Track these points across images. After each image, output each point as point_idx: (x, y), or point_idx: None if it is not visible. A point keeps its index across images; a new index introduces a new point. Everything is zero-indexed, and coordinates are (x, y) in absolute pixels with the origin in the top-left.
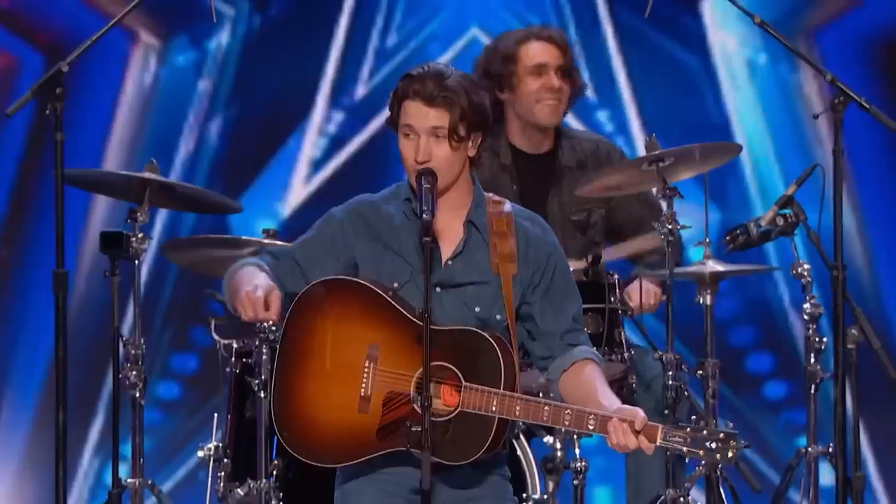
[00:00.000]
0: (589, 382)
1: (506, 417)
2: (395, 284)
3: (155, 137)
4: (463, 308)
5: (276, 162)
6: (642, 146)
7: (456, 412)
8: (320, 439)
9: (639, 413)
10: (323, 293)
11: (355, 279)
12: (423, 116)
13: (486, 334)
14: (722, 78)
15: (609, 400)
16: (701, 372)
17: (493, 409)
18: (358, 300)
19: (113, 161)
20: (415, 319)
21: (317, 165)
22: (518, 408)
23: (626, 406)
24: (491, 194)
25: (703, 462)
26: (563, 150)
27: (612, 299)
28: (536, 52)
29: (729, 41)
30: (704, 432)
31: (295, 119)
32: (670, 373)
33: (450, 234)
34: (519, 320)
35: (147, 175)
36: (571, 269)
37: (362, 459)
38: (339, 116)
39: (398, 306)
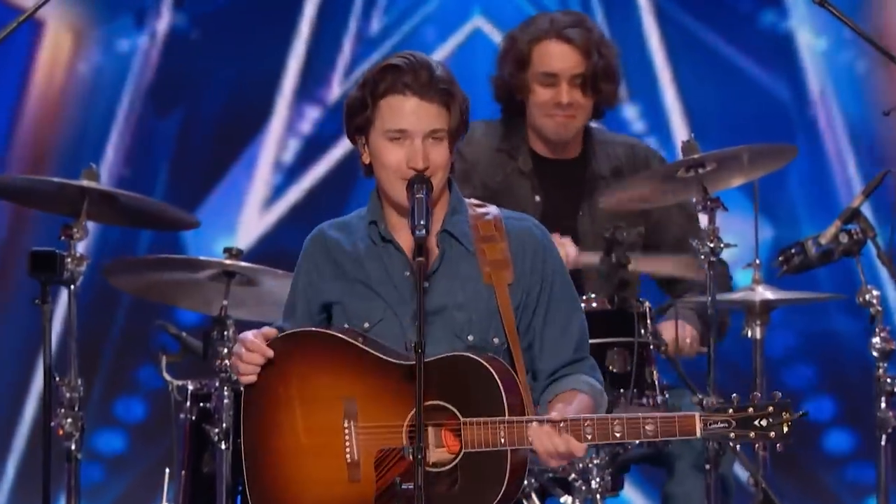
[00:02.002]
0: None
1: (519, 448)
2: (366, 325)
3: (75, 141)
4: (453, 339)
5: (238, 167)
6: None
7: (460, 456)
8: None
9: (557, 408)
10: (279, 353)
11: (312, 329)
12: (419, 115)
13: (477, 357)
14: (776, 67)
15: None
16: None
17: (502, 440)
18: (320, 353)
19: (17, 168)
20: (394, 360)
21: (291, 172)
22: (531, 434)
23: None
24: (471, 199)
25: (757, 446)
26: (595, 156)
27: (643, 332)
28: (549, 56)
29: (784, 24)
30: (750, 409)
31: (259, 117)
32: None
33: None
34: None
35: (85, 183)
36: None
37: None
38: (314, 114)
39: (371, 350)
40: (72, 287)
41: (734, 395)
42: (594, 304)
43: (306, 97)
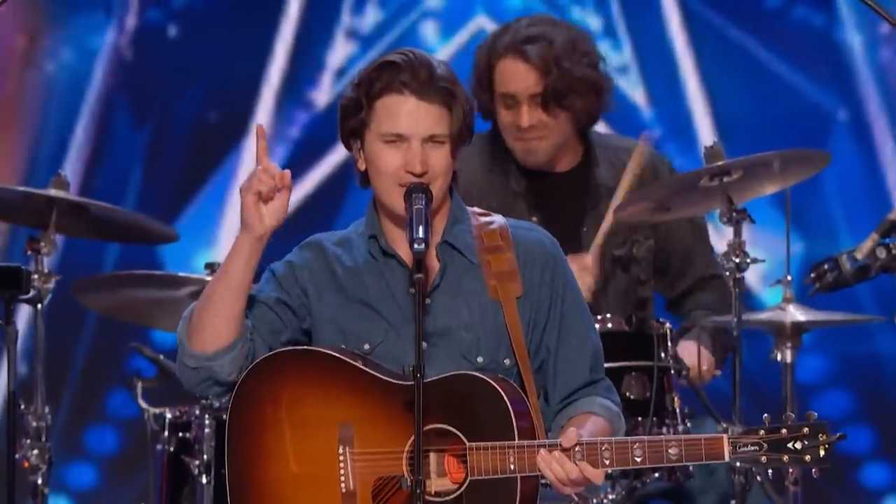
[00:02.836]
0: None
1: (530, 475)
2: (366, 347)
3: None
4: (460, 362)
5: (219, 175)
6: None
7: (465, 485)
8: None
9: (568, 432)
10: (269, 372)
11: (305, 347)
12: (418, 117)
13: (484, 377)
14: (810, 66)
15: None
16: None
17: (512, 467)
18: (313, 373)
19: None
20: (394, 381)
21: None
22: (540, 460)
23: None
24: (475, 207)
25: (787, 479)
26: (597, 164)
27: (663, 355)
28: (506, 75)
29: (819, 20)
30: (783, 431)
31: (241, 120)
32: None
33: (425, 265)
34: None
35: (53, 193)
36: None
37: None
38: (303, 117)
39: (372, 371)
40: (39, 306)
41: (765, 415)
42: (610, 325)
43: (294, 99)
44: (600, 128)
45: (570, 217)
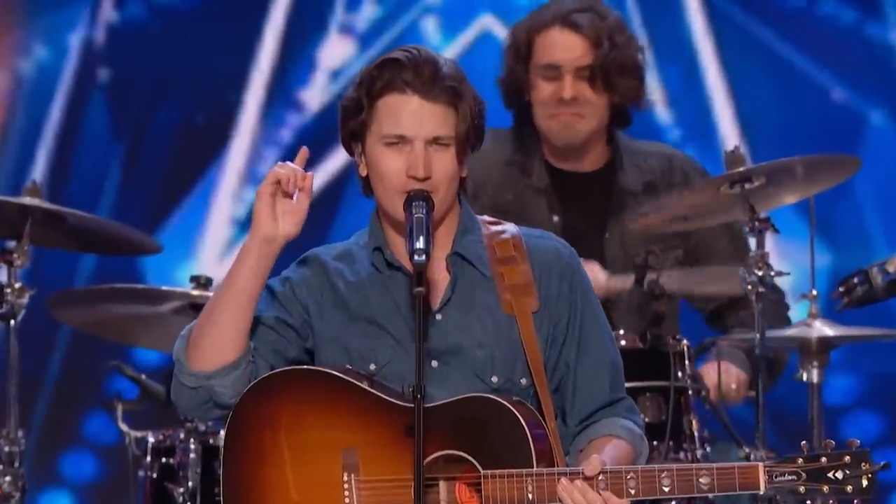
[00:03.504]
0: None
1: None
2: (372, 367)
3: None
4: (474, 382)
5: (203, 182)
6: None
7: None
8: None
9: (591, 459)
10: (268, 394)
11: (309, 367)
12: (420, 118)
13: (500, 399)
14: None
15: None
16: None
17: (530, 496)
18: (315, 394)
19: None
20: (400, 402)
21: None
22: (561, 490)
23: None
24: (484, 216)
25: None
26: (623, 168)
27: (680, 375)
28: (551, 46)
29: (847, 14)
30: (823, 459)
31: (227, 123)
32: None
33: (433, 278)
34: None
35: (27, 201)
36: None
37: None
38: (294, 119)
39: (378, 393)
40: (12, 322)
41: (803, 442)
42: (623, 342)
43: (284, 100)
44: None
45: (593, 220)
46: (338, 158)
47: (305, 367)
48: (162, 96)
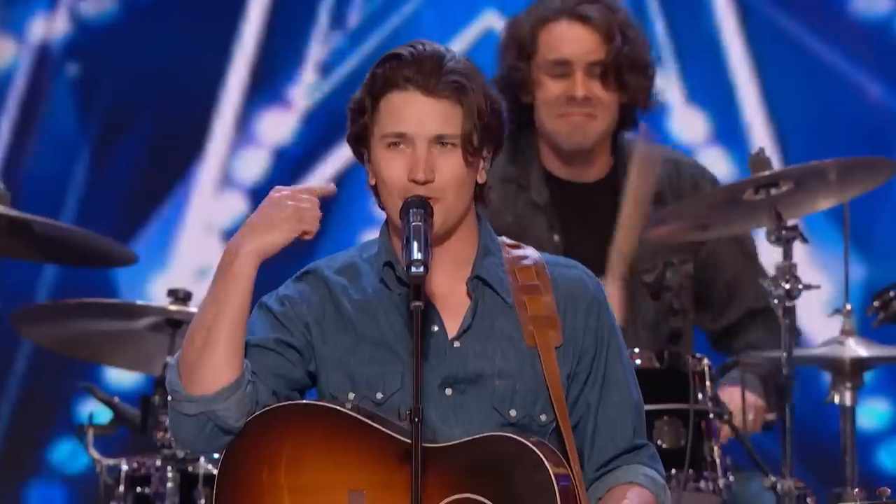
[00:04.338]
0: None
1: None
2: (379, 395)
3: None
4: (490, 414)
5: (177, 188)
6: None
7: None
8: None
9: None
10: (265, 429)
11: (308, 402)
12: (421, 115)
13: (521, 438)
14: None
15: None
16: None
17: None
18: (317, 431)
19: None
20: (409, 440)
21: (255, 193)
22: None
23: None
24: (503, 238)
25: None
26: (627, 175)
27: (700, 397)
28: (560, 40)
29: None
30: None
31: (205, 121)
32: None
33: (451, 301)
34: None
35: None
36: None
37: None
38: (288, 121)
39: (385, 430)
40: None
41: (882, 488)
42: (639, 362)
43: (267, 98)
44: None
45: (597, 234)
46: (328, 164)
47: (305, 401)
48: (133, 93)
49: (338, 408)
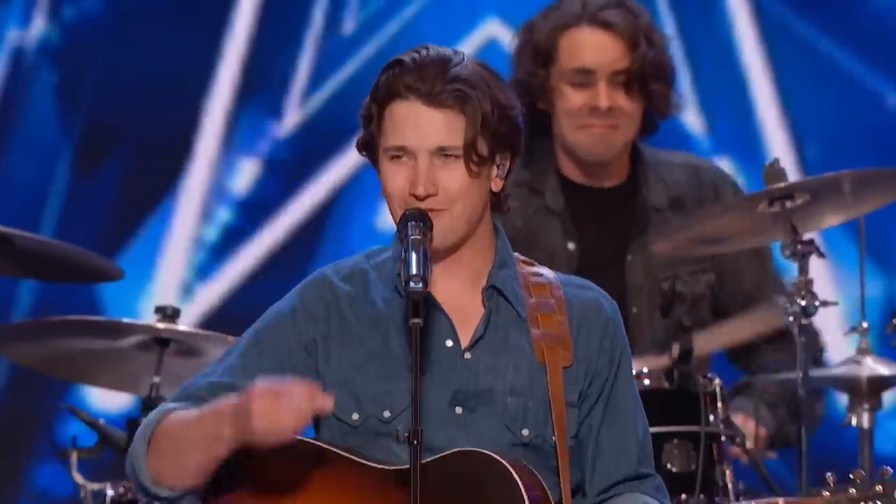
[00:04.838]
0: None
1: None
2: (386, 414)
3: None
4: (501, 432)
5: (168, 200)
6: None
7: None
8: None
9: None
10: (248, 467)
11: (300, 438)
12: (423, 127)
13: (493, 454)
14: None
15: None
16: None
17: None
18: (310, 469)
19: None
20: (392, 467)
21: (245, 207)
22: None
23: None
24: (517, 254)
25: None
26: (646, 182)
27: (711, 419)
28: (582, 47)
29: None
30: (852, 491)
31: (192, 130)
32: None
33: (464, 312)
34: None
35: None
36: (648, 369)
37: None
38: (280, 131)
39: (361, 460)
40: None
41: (828, 473)
42: (647, 381)
43: (261, 108)
44: None
45: (613, 243)
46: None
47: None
48: (117, 101)
49: (319, 444)
